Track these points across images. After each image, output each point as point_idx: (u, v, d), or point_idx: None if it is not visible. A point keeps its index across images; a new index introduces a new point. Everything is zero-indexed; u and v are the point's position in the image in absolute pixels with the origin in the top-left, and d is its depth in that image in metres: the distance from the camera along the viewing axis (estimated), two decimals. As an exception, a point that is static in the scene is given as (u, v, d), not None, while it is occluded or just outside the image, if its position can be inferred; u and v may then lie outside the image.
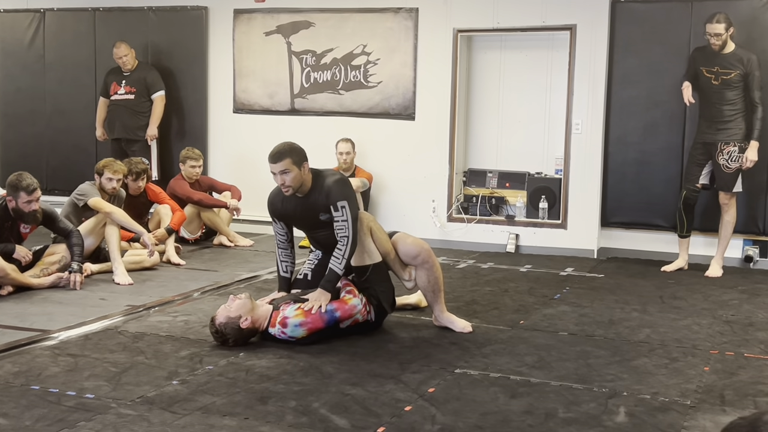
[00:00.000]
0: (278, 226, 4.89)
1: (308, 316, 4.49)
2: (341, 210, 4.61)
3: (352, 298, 4.65)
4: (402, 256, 4.87)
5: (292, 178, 4.62)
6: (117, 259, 6.17)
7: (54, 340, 4.56)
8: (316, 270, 4.89)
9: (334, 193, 4.65)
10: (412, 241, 4.89)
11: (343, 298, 4.65)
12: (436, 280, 4.87)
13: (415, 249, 4.84)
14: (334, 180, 4.72)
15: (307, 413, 3.52)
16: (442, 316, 4.92)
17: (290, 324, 4.48)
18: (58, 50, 9.18)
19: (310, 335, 4.50)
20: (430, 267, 4.85)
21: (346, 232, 4.60)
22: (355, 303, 4.63)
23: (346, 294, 4.67)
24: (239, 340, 4.46)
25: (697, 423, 3.50)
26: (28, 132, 9.33)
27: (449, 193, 7.95)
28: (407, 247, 4.86)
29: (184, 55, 8.74)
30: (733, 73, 6.53)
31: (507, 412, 3.59)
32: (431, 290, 4.89)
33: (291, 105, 8.43)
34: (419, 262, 4.85)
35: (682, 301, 5.79)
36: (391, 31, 8.02)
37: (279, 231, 4.90)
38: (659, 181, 7.31)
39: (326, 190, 4.67)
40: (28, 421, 3.39)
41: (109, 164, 6.55)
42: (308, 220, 4.81)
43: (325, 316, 4.52)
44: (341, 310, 4.58)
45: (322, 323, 4.52)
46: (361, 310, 4.66)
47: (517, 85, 7.96)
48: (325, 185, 4.68)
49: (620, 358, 4.38)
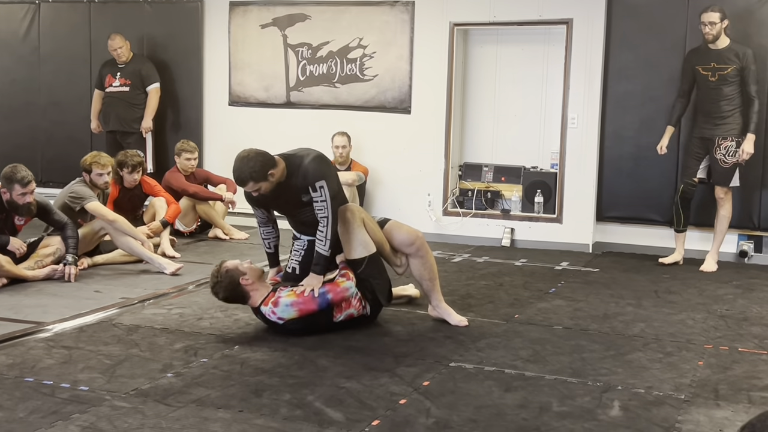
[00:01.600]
0: (258, 211, 4.91)
1: (300, 297, 4.50)
2: (319, 190, 4.55)
3: (345, 281, 4.60)
4: (396, 244, 4.88)
5: (264, 189, 4.59)
6: (152, 257, 6.22)
7: (48, 332, 4.55)
8: (303, 261, 4.82)
9: (312, 173, 4.57)
10: (407, 229, 4.91)
11: (336, 281, 4.62)
12: (431, 267, 4.88)
13: (410, 237, 4.86)
14: (310, 159, 4.63)
15: (301, 406, 3.52)
16: (441, 306, 4.92)
17: (281, 303, 4.48)
18: (54, 42, 9.16)
19: (301, 318, 4.49)
20: (424, 255, 4.87)
21: (325, 212, 4.56)
22: (347, 285, 4.59)
23: (339, 277, 4.64)
24: (227, 294, 4.55)
25: (691, 417, 3.50)
26: (22, 124, 9.31)
27: (445, 187, 7.95)
28: (402, 235, 4.87)
29: (180, 47, 8.71)
30: (730, 68, 6.53)
31: (501, 405, 3.59)
32: (428, 278, 4.88)
33: (287, 98, 8.42)
34: (413, 250, 4.85)
35: (677, 295, 5.80)
36: (388, 24, 8.01)
37: (259, 215, 4.93)
38: (655, 176, 7.32)
39: (303, 171, 4.59)
40: (22, 413, 3.38)
41: (96, 159, 6.40)
42: (290, 203, 4.75)
43: (318, 299, 4.51)
44: (333, 292, 4.54)
45: (315, 305, 4.50)
46: (354, 293, 4.62)
47: (513, 79, 7.95)
48: (301, 167, 4.60)
49: (615, 353, 4.39)
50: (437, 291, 4.92)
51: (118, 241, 6.27)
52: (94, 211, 6.23)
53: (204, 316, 4.96)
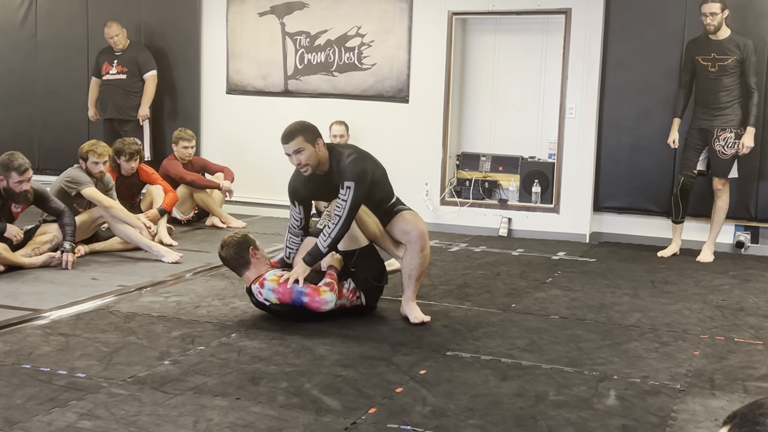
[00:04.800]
0: (296, 209, 4.79)
1: (282, 286, 4.50)
2: (346, 190, 4.52)
3: (328, 292, 4.51)
4: (396, 231, 4.73)
5: (307, 157, 4.52)
6: (151, 245, 6.21)
7: (45, 320, 4.55)
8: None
9: (347, 173, 4.54)
10: (411, 218, 4.73)
11: (320, 287, 4.52)
12: (418, 266, 4.67)
13: (409, 225, 4.67)
14: (350, 159, 4.58)
15: (298, 394, 3.53)
16: (408, 304, 4.72)
17: (266, 286, 4.53)
18: (51, 29, 9.13)
19: (281, 305, 4.53)
20: (418, 250, 4.66)
21: (341, 212, 4.50)
22: (327, 298, 4.49)
23: (324, 285, 4.53)
24: (232, 253, 4.65)
25: (686, 407, 3.52)
26: (19, 112, 9.29)
27: (442, 177, 7.94)
28: (402, 223, 4.70)
29: (177, 35, 8.69)
30: (730, 59, 6.52)
31: (498, 394, 3.60)
32: (408, 274, 4.70)
33: (284, 86, 8.40)
34: (409, 239, 4.67)
35: (673, 285, 5.81)
36: (386, 12, 7.99)
37: (295, 215, 4.80)
38: (652, 166, 7.32)
39: (342, 168, 4.57)
40: (19, 400, 3.39)
41: (93, 148, 6.38)
42: (333, 197, 4.72)
43: (294, 294, 4.48)
44: (310, 297, 4.49)
45: (289, 299, 4.50)
46: (331, 307, 4.52)
47: (511, 68, 7.94)
48: (341, 164, 4.58)
49: (611, 342, 4.40)
50: (413, 290, 4.71)
51: (115, 229, 6.26)
52: (91, 197, 6.22)
53: (201, 304, 4.97)
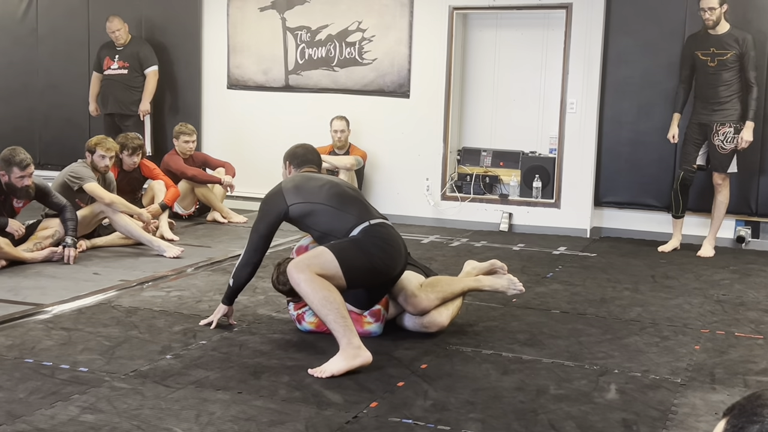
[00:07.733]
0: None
1: (320, 327, 4.24)
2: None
3: (373, 323, 4.29)
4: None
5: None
6: (151, 239, 6.23)
7: (47, 314, 4.56)
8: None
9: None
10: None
11: (364, 316, 4.27)
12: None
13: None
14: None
15: (300, 388, 3.54)
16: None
17: (304, 322, 4.34)
18: (52, 23, 9.13)
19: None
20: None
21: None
22: (371, 330, 4.27)
23: (370, 316, 4.28)
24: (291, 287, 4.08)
25: (687, 401, 3.53)
26: (20, 106, 9.29)
27: (443, 172, 7.95)
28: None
29: (178, 29, 8.69)
30: (729, 53, 6.53)
31: (499, 388, 3.61)
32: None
33: (285, 81, 8.40)
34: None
35: (674, 280, 5.82)
36: (387, 7, 7.99)
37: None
38: (653, 161, 7.32)
39: None
40: (22, 394, 3.40)
41: (102, 141, 6.42)
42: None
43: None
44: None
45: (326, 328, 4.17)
46: (377, 334, 4.31)
47: (512, 63, 7.94)
48: None
49: (611, 336, 4.41)
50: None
51: (116, 225, 6.27)
52: (92, 192, 6.23)
53: (203, 298, 4.98)
